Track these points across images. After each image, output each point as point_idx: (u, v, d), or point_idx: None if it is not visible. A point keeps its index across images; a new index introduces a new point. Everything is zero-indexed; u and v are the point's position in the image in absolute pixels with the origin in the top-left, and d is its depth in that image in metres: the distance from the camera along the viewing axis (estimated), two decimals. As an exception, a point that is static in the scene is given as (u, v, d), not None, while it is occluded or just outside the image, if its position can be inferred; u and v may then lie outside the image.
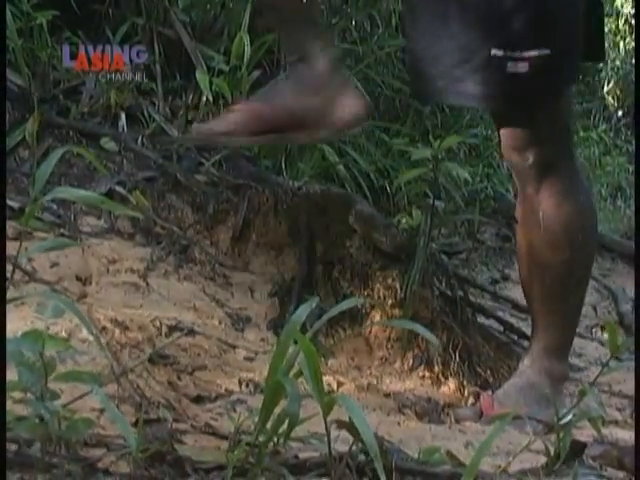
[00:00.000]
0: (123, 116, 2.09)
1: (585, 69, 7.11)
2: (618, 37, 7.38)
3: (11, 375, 0.95)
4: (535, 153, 1.55)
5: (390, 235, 1.82)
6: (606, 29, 7.48)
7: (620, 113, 6.97)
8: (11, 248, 1.61)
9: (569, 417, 1.55)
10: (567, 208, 1.58)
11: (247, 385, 1.39)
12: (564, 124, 1.62)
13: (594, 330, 2.62)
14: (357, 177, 2.18)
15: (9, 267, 1.53)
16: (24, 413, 0.82)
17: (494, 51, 1.46)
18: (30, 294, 1.20)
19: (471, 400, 1.77)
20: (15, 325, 1.14)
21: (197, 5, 2.34)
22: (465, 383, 1.79)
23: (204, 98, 2.10)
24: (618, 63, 7.16)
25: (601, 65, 7.23)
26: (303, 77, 1.61)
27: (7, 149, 1.96)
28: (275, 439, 0.91)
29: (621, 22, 7.41)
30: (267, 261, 1.84)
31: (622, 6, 7.37)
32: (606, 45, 7.34)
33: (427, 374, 1.77)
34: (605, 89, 7.13)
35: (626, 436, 1.44)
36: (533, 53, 1.45)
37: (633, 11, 6.79)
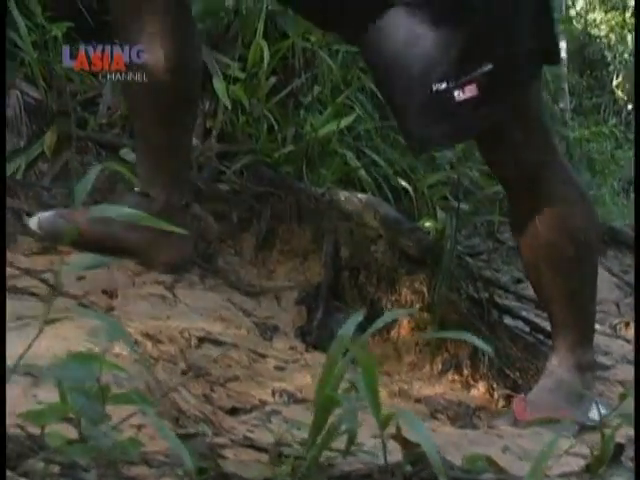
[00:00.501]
0: (141, 126, 2.08)
1: (593, 64, 7.10)
2: (625, 30, 7.36)
3: (53, 395, 0.94)
4: (517, 162, 1.53)
5: (416, 239, 1.81)
6: (613, 22, 7.46)
7: (630, 106, 6.95)
8: (37, 263, 1.62)
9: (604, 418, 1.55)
10: (561, 208, 1.55)
11: (280, 395, 1.38)
12: (537, 124, 1.56)
13: (618, 327, 2.61)
14: (378, 180, 2.17)
15: (33, 282, 1.54)
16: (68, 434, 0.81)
17: (436, 86, 1.40)
18: (71, 312, 1.18)
19: (501, 403, 1.76)
20: (49, 343, 1.14)
21: (211, 13, 2.33)
22: (495, 386, 1.78)
23: (222, 106, 2.10)
24: (627, 56, 7.14)
25: (609, 59, 7.22)
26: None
27: (26, 162, 1.96)
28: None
29: (628, 15, 7.39)
30: (292, 268, 1.83)
31: (629, -1, 7.35)
32: (613, 39, 7.30)
33: (457, 378, 1.76)
34: (614, 83, 7.11)
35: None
36: (477, 73, 1.39)
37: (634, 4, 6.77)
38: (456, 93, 1.39)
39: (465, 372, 1.78)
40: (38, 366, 1.02)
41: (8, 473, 0.75)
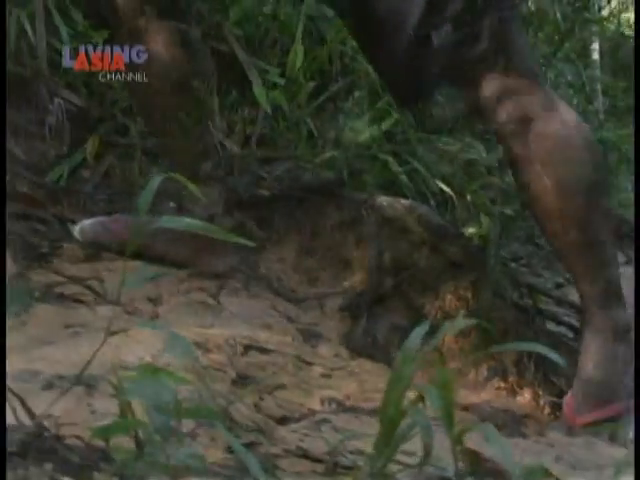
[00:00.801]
0: (181, 133, 2.08)
1: (627, 64, 7.00)
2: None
3: (108, 405, 0.94)
4: (504, 104, 1.49)
5: (460, 245, 1.79)
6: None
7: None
8: (83, 270, 1.62)
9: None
10: (557, 145, 1.51)
11: (329, 403, 1.37)
12: (520, 63, 1.52)
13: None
14: (419, 185, 2.16)
15: (76, 289, 1.54)
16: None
17: (413, 33, 1.41)
18: (131, 325, 1.18)
19: (547, 410, 1.74)
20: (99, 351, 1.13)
21: (249, 18, 2.33)
22: (540, 393, 1.76)
23: (261, 112, 2.09)
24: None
25: None
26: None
27: (68, 170, 1.97)
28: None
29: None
30: (335, 275, 1.82)
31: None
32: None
33: (502, 385, 1.74)
34: (645, 84, 7.02)
35: None
36: (449, 14, 1.40)
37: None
38: (433, 37, 1.41)
39: (510, 379, 1.76)
40: (95, 376, 1.03)
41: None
